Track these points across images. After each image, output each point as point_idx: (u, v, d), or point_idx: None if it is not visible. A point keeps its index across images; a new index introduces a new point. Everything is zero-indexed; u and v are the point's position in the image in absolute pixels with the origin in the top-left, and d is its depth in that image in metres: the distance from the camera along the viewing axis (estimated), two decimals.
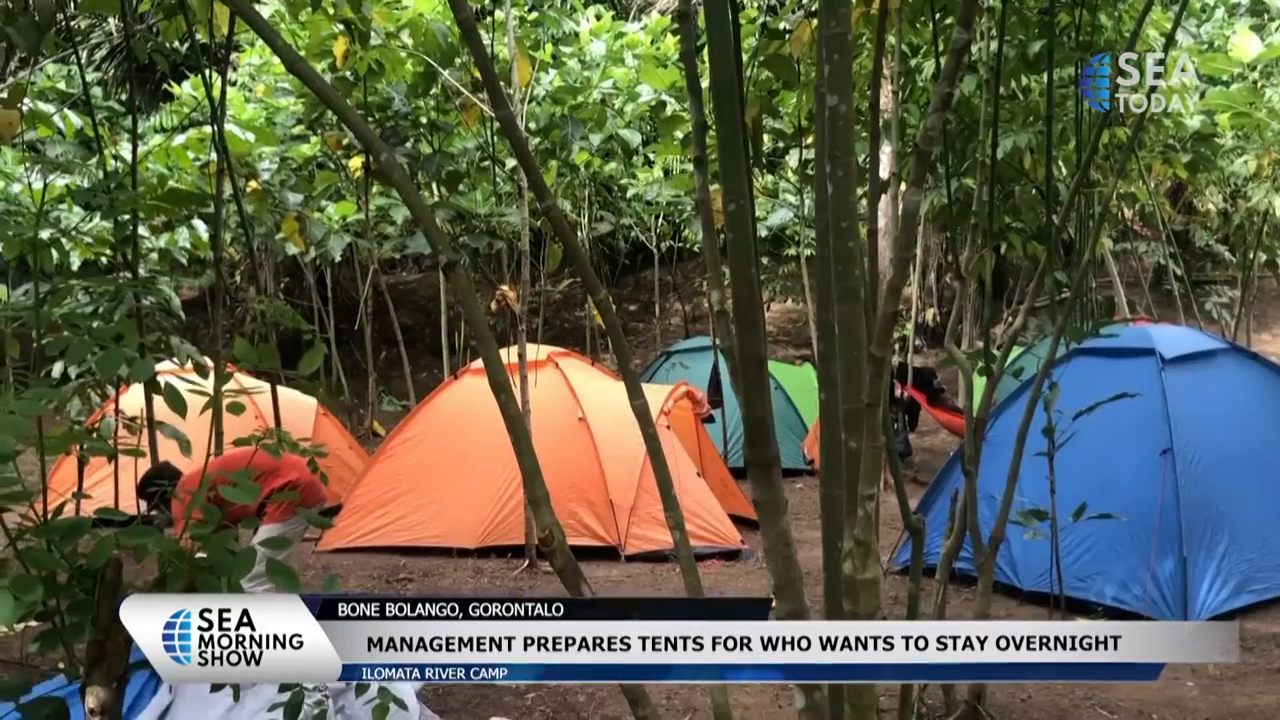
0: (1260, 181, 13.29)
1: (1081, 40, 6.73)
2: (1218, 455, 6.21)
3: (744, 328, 2.41)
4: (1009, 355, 4.91)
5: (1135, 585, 5.82)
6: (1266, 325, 17.90)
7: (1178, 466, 5.95)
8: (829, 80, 2.22)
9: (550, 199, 2.33)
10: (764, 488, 2.41)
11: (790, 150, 11.53)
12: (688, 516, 7.50)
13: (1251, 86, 12.28)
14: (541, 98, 10.29)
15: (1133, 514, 5.70)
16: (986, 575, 4.69)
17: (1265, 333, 17.61)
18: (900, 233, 2.35)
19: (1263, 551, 6.02)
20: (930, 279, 17.02)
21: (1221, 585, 5.77)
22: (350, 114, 2.24)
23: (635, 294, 20.62)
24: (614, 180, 14.41)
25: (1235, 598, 5.80)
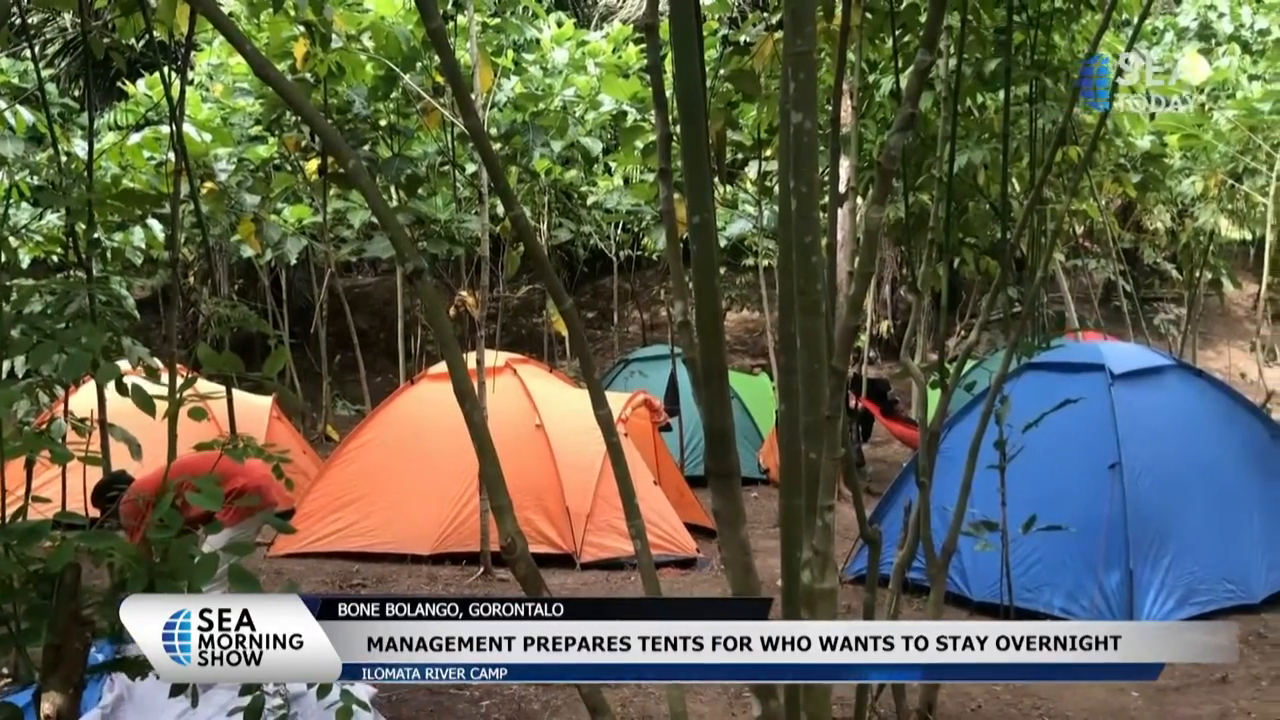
0: (1207, 202, 13.60)
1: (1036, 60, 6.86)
2: (1164, 469, 6.33)
3: (707, 339, 2.44)
4: (962, 369, 4.99)
5: (1083, 596, 5.92)
6: (1211, 342, 18.28)
7: (1125, 480, 6.06)
8: (794, 97, 2.25)
9: (517, 206, 2.35)
10: (724, 498, 2.44)
11: (749, 162, 11.61)
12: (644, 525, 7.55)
13: (1200, 109, 12.56)
14: (503, 104, 10.30)
15: (1081, 526, 5.80)
16: (939, 585, 4.76)
17: (1210, 350, 17.98)
18: (862, 250, 2.39)
19: (1206, 564, 6.14)
20: (885, 292, 17.20)
21: (1166, 597, 5.88)
22: (318, 120, 2.24)
23: (593, 301, 20.63)
24: (574, 188, 14.42)
25: (1179, 609, 5.91)
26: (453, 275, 12.71)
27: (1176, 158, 13.02)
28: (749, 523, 4.72)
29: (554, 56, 11.45)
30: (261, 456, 2.27)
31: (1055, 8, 6.39)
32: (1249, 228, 16.26)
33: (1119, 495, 6.01)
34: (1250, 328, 16.91)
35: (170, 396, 2.25)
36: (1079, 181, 9.47)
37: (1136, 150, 11.89)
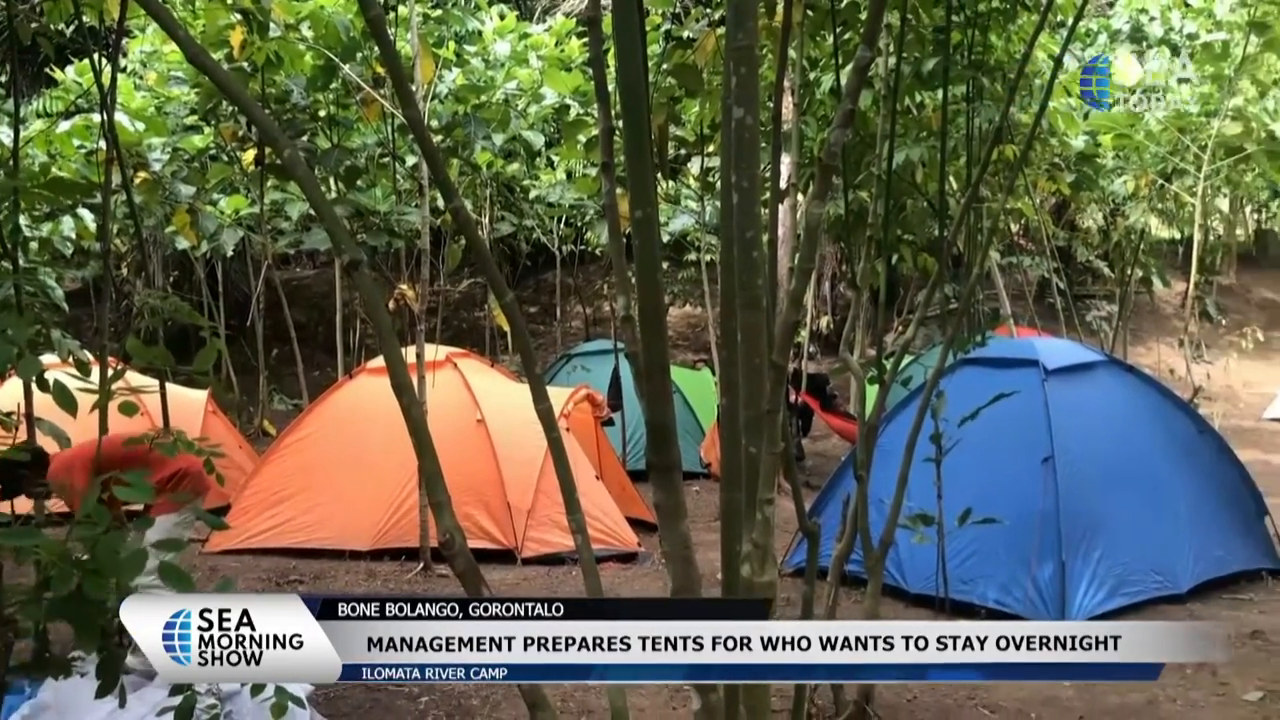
0: (1138, 201, 13.90)
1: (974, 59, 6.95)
2: (1095, 463, 6.46)
3: (649, 334, 2.43)
4: (900, 364, 5.05)
5: (1016, 588, 6.02)
6: (1142, 339, 18.69)
7: (1058, 474, 6.18)
8: (736, 93, 2.26)
9: (457, 198, 2.32)
10: (665, 491, 2.44)
11: (692, 157, 11.64)
12: (586, 519, 7.54)
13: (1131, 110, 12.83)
14: (444, 96, 10.20)
15: (1015, 519, 5.90)
16: (876, 577, 4.81)
17: (1140, 346, 18.38)
18: (803, 245, 2.41)
19: (1136, 556, 6.28)
20: (826, 288, 17.34)
21: (1097, 588, 6.01)
22: (255, 109, 2.20)
23: (536, 296, 20.54)
24: (516, 181, 14.35)
25: (1110, 600, 6.04)
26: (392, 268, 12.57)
27: (1109, 158, 13.30)
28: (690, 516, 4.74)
29: (496, 49, 11.37)
30: (192, 450, 2.22)
31: (993, 8, 6.48)
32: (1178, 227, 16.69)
33: (1052, 489, 6.12)
34: (1179, 325, 17.33)
35: (100, 390, 2.19)
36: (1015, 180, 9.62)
37: (1071, 150, 12.11)
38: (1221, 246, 19.82)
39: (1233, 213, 19.72)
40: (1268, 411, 15.37)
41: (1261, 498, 7.14)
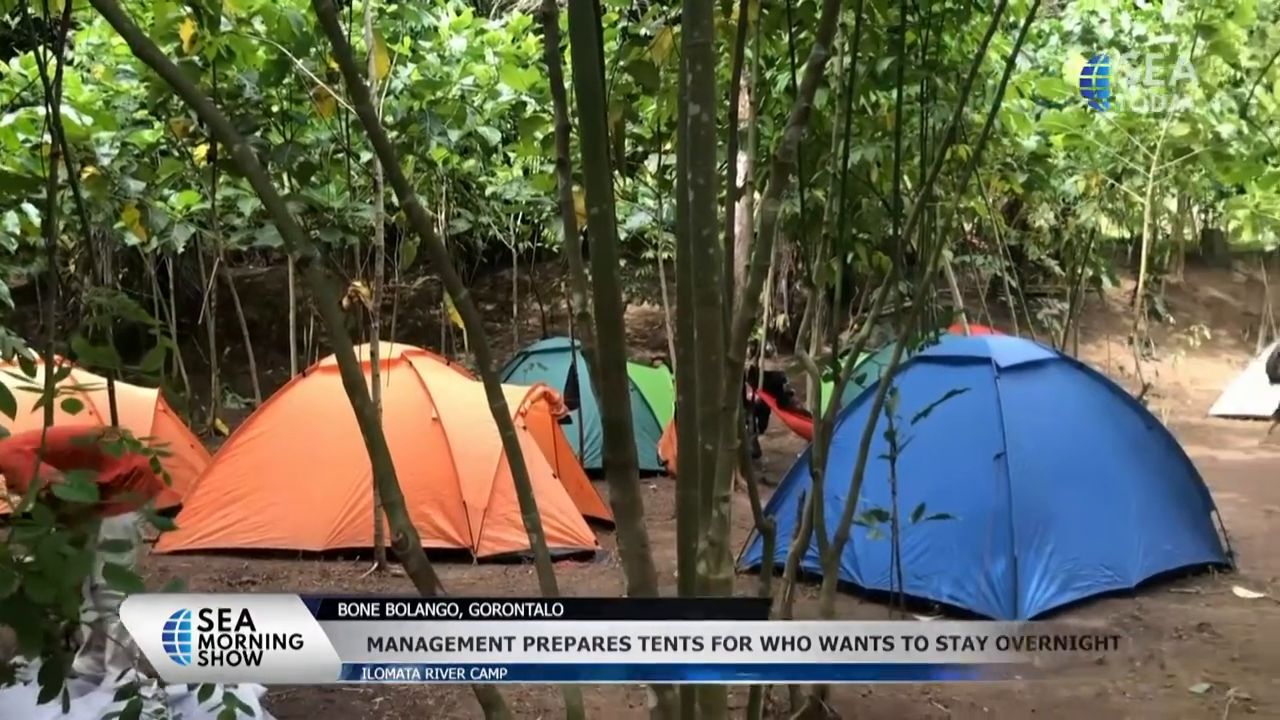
0: (1088, 201, 14.10)
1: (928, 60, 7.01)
2: (1047, 460, 6.54)
3: (605, 331, 2.43)
4: (855, 361, 5.09)
5: (969, 583, 6.08)
6: (1092, 337, 18.96)
7: (1010, 470, 6.24)
8: (691, 90, 2.26)
9: (410, 195, 2.30)
10: (621, 489, 2.44)
11: (649, 155, 11.64)
12: (543, 518, 7.49)
13: (1083, 110, 13.02)
14: (399, 91, 10.13)
15: (968, 515, 5.96)
16: (831, 574, 4.84)
17: (1091, 344, 18.64)
18: (758, 243, 2.41)
19: (1086, 551, 6.36)
20: (782, 286, 17.42)
21: (1049, 583, 6.08)
22: (203, 103, 2.17)
23: (493, 293, 20.44)
24: (472, 178, 14.28)
25: (1061, 595, 6.12)
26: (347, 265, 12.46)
27: (1060, 158, 13.47)
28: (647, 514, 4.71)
29: (452, 44, 11.30)
30: (138, 449, 2.18)
31: (946, 8, 6.54)
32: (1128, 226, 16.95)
33: (1004, 485, 6.19)
34: (1128, 323, 17.60)
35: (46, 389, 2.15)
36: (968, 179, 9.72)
37: (1023, 150, 12.26)
38: (1170, 246, 20.17)
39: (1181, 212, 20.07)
40: (1214, 408, 15.66)
41: (1208, 493, 7.26)
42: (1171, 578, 6.71)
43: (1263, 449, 12.56)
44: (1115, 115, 12.64)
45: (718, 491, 2.29)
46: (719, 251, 2.32)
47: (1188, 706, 4.79)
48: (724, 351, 2.32)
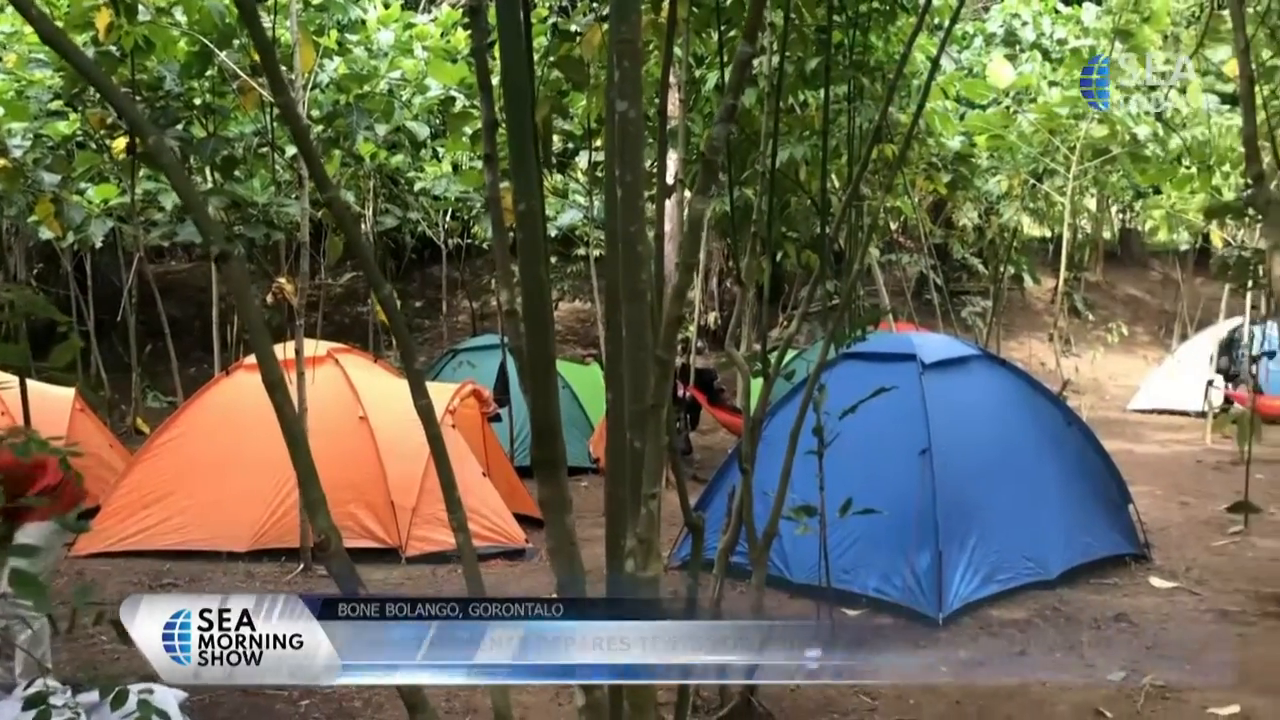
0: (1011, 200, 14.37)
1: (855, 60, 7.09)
2: (970, 455, 6.66)
3: (533, 328, 2.41)
4: (783, 358, 5.13)
5: (896, 577, 6.17)
6: (1014, 334, 19.36)
7: (935, 465, 6.34)
8: (619, 86, 2.24)
9: (332, 189, 2.26)
10: (550, 486, 2.42)
11: (580, 151, 11.61)
12: (472, 516, 7.41)
13: (1005, 112, 13.27)
14: (325, 85, 9.97)
15: (895, 510, 6.05)
16: (760, 569, 4.88)
17: (1013, 340, 19.03)
18: (686, 240, 2.41)
19: (1008, 544, 6.49)
20: (712, 284, 17.50)
21: (972, 576, 6.19)
22: (115, 93, 2.11)
23: (421, 290, 20.24)
24: (400, 173, 14.11)
25: (984, 587, 6.24)
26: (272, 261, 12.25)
27: (984, 158, 13.71)
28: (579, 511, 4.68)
29: (379, 38, 11.15)
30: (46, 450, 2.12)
31: (873, 9, 6.62)
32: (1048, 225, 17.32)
33: (929, 480, 6.28)
34: (1049, 320, 17.99)
35: None
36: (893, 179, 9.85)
37: (947, 150, 12.45)
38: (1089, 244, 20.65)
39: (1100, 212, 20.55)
40: (1132, 403, 16.08)
41: (1125, 486, 7.46)
42: (1090, 569, 6.88)
43: (1178, 443, 12.92)
44: (1037, 117, 12.91)
45: (646, 489, 2.28)
46: (647, 248, 2.32)
47: (1105, 695, 4.91)
48: (652, 348, 2.31)
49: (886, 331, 10.39)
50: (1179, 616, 6.13)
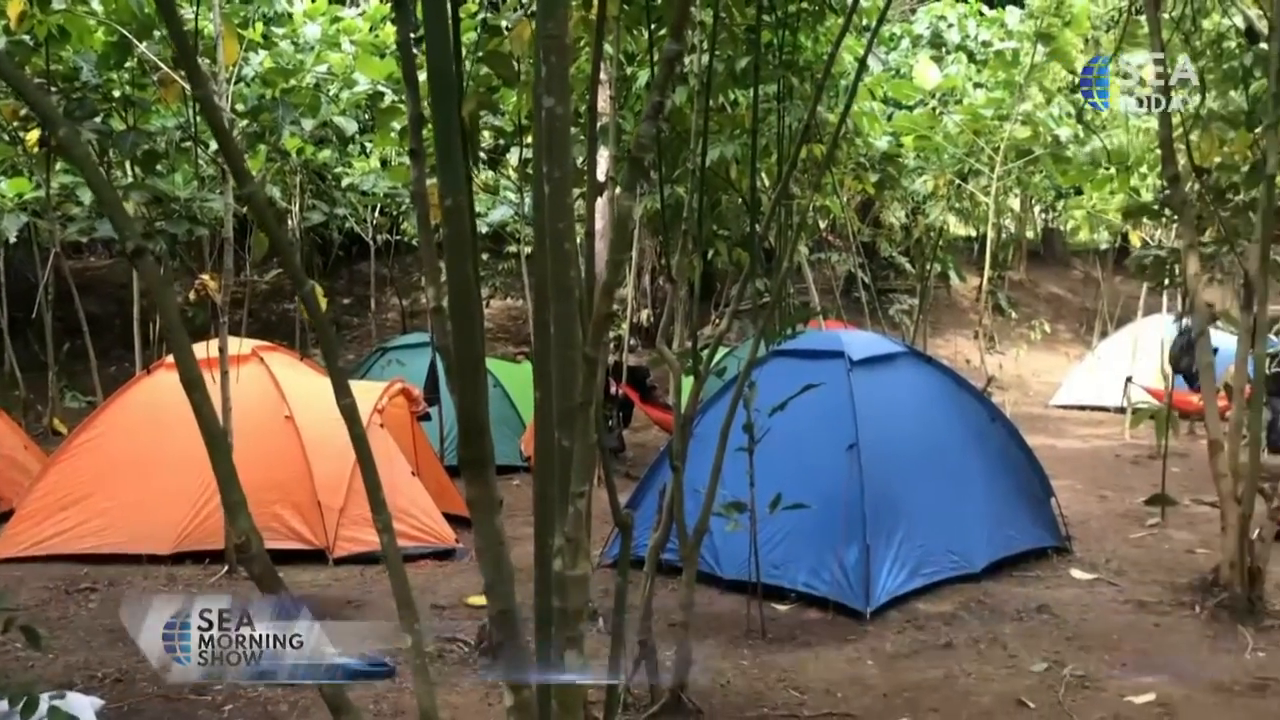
0: (937, 200, 14.59)
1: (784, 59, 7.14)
2: (897, 450, 6.75)
3: (460, 325, 2.39)
4: (714, 356, 5.15)
5: (824, 571, 6.23)
6: (940, 331, 19.68)
7: (862, 460, 6.41)
8: (546, 82, 2.23)
9: (251, 184, 2.22)
10: (477, 486, 2.40)
11: (511, 148, 11.55)
12: (401, 516, 7.36)
13: (931, 113, 13.46)
14: (250, 78, 9.79)
15: (823, 505, 6.12)
16: (691, 565, 4.90)
17: (939, 338, 19.35)
18: (613, 237, 2.41)
19: (934, 538, 6.60)
20: (645, 281, 17.52)
21: (899, 570, 6.28)
22: (25, 83, 2.05)
23: (350, 287, 19.96)
24: (328, 169, 13.91)
25: (910, 581, 6.33)
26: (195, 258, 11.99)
27: (910, 158, 13.89)
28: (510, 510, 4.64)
29: (306, 31, 10.97)
30: None
31: (801, 9, 6.67)
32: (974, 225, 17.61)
33: (856, 475, 6.35)
34: (974, 318, 18.30)
35: None
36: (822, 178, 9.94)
37: (875, 150, 12.59)
38: (1013, 244, 21.05)
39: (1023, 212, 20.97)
40: (1054, 399, 16.43)
41: (1048, 480, 7.61)
42: (1014, 562, 7.01)
43: (1098, 438, 13.25)
44: (962, 118, 13.11)
45: (574, 487, 2.28)
46: (575, 245, 2.31)
47: (1027, 685, 5.01)
48: (581, 346, 2.31)
49: (816, 329, 10.50)
50: (1098, 607, 6.28)
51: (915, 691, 4.94)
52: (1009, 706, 4.75)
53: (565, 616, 2.26)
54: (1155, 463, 9.00)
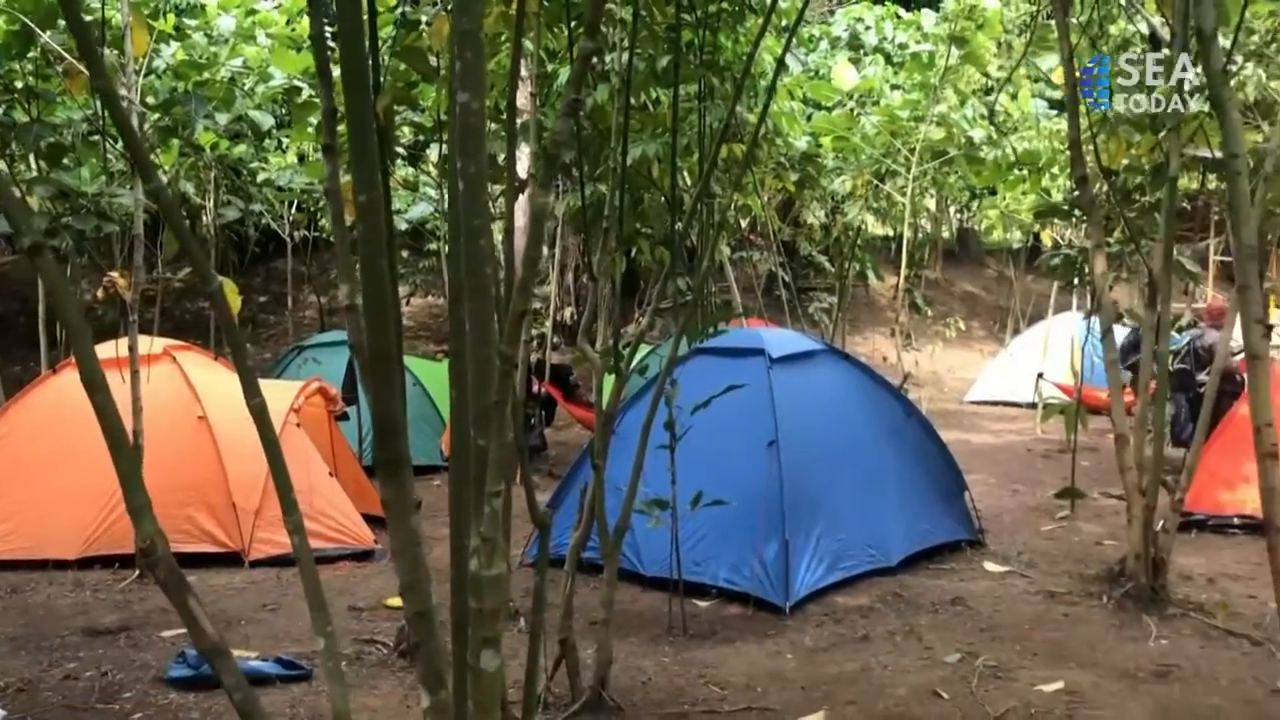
0: (855, 200, 14.81)
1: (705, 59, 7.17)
2: (816, 446, 6.83)
3: (374, 323, 2.35)
4: (636, 353, 5.16)
5: (745, 567, 6.28)
6: (859, 329, 19.98)
7: (782, 457, 6.48)
8: (461, 77, 2.21)
9: (157, 179, 2.16)
10: (393, 486, 2.37)
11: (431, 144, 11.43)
12: (318, 517, 7.26)
13: (849, 114, 13.66)
14: (162, 71, 9.56)
15: (744, 501, 6.17)
16: (612, 563, 4.90)
17: (858, 335, 19.64)
18: (529, 234, 2.40)
19: (851, 532, 6.69)
20: (569, 279, 17.49)
21: (817, 564, 6.36)
22: None
23: (267, 285, 19.58)
24: (244, 164, 13.64)
25: (828, 575, 6.41)
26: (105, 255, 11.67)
27: (829, 158, 14.08)
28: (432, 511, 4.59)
29: (220, 24, 10.76)
30: None
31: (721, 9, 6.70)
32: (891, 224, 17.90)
33: (776, 471, 6.42)
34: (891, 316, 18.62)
35: None
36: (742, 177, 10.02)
37: (795, 150, 12.74)
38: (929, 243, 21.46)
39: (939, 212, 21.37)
40: (968, 395, 16.78)
41: (961, 475, 7.77)
42: (929, 555, 7.15)
43: (1011, 433, 13.56)
44: (878, 119, 13.32)
45: (490, 487, 2.26)
46: (491, 242, 2.29)
47: (941, 676, 5.11)
48: (496, 344, 2.29)
49: (737, 327, 10.58)
50: (1010, 599, 6.43)
51: (833, 684, 5.01)
52: (924, 697, 4.84)
53: (482, 616, 2.24)
54: (1065, 457, 9.24)
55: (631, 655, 5.36)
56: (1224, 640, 5.59)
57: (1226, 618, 5.86)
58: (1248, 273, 3.43)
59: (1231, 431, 7.82)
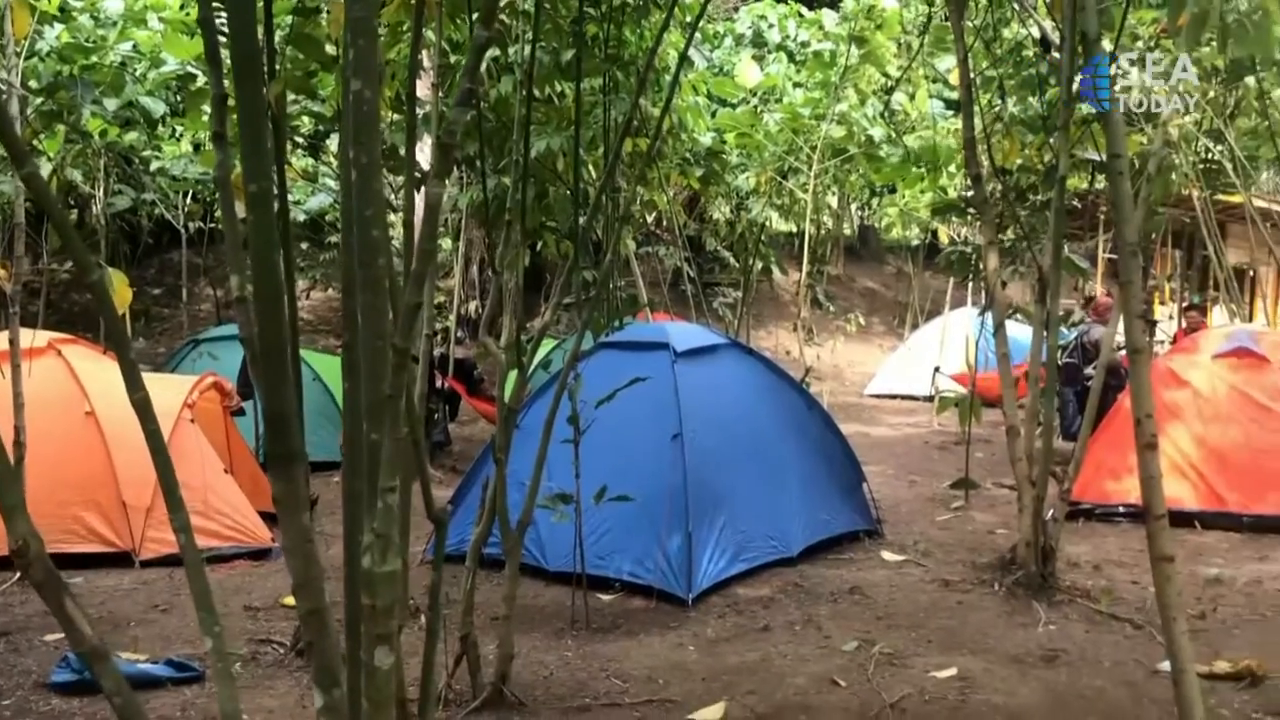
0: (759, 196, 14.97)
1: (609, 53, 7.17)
2: (719, 439, 6.89)
3: (265, 315, 2.30)
4: (539, 347, 5.14)
5: (648, 560, 6.30)
6: (763, 323, 20.23)
7: (686, 450, 6.52)
8: (353, 65, 2.18)
9: (31, 165, 2.08)
10: (284, 482, 2.32)
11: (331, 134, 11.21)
12: (214, 515, 7.07)
13: (753, 110, 13.80)
14: (45, 53, 9.21)
15: (648, 494, 6.19)
16: (514, 559, 4.88)
17: (762, 330, 19.89)
18: (423, 225, 2.37)
19: (754, 524, 6.76)
20: (473, 272, 17.35)
21: (720, 556, 6.41)
22: None
23: (161, 277, 19.02)
24: (135, 151, 13.23)
25: (731, 566, 6.47)
26: None
27: (734, 154, 14.21)
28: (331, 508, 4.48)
29: (107, 6, 10.40)
30: None
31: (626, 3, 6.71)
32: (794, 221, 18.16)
33: (680, 464, 6.45)
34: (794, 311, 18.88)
35: None
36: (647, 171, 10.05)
37: (700, 146, 12.83)
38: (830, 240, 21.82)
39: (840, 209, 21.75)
40: (868, 388, 17.11)
41: (860, 466, 7.92)
42: (829, 545, 7.27)
43: (908, 426, 13.86)
44: (781, 116, 13.48)
45: (383, 482, 2.23)
46: (384, 234, 2.26)
47: (840, 664, 5.20)
48: (389, 337, 2.26)
49: (642, 321, 10.62)
50: (906, 587, 6.57)
51: (734, 675, 5.05)
52: (822, 685, 4.92)
53: (375, 613, 2.21)
54: (960, 448, 9.47)
55: (534, 650, 5.34)
56: (1108, 625, 5.80)
57: (1111, 603, 6.08)
58: (1130, 269, 3.54)
59: (1117, 424, 8.10)
